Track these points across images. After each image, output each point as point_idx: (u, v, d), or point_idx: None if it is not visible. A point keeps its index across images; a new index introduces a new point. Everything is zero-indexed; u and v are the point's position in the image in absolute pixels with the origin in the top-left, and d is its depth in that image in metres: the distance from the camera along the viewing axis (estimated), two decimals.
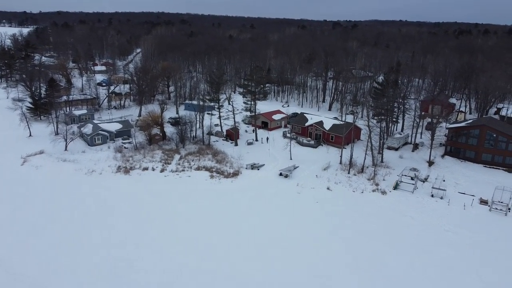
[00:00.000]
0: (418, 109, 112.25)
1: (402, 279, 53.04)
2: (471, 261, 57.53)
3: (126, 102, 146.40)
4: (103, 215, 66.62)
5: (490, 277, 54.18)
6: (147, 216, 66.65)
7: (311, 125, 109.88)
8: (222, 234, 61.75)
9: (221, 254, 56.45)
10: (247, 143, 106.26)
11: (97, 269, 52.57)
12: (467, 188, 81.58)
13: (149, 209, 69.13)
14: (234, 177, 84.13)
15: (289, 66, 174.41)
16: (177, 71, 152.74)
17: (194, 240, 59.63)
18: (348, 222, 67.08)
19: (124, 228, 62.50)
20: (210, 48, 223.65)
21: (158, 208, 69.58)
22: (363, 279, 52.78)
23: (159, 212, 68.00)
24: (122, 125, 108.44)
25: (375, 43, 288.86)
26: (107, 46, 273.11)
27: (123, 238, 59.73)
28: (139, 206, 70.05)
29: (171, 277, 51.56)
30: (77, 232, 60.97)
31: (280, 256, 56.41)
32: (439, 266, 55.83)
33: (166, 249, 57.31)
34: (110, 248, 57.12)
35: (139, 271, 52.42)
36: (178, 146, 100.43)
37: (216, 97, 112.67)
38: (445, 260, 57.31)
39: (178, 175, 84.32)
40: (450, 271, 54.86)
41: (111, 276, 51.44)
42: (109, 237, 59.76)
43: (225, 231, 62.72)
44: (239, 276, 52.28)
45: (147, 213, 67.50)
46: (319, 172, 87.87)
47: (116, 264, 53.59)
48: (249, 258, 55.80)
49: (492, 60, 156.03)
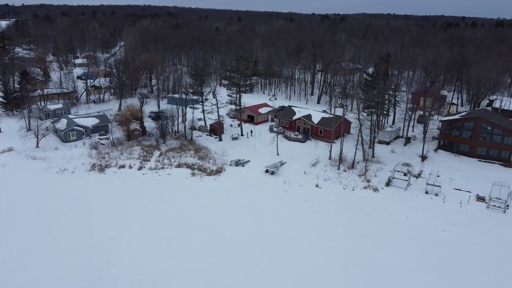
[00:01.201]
0: (410, 101, 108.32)
1: (396, 282, 48.65)
2: (469, 263, 53.39)
3: (106, 96, 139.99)
4: (73, 217, 60.92)
5: (489, 280, 50.12)
6: (122, 217, 61.13)
7: (299, 119, 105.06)
8: (204, 236, 56.61)
9: (202, 257, 51.36)
10: (232, 138, 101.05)
11: (66, 277, 47.11)
12: (463, 184, 77.67)
13: (124, 210, 63.60)
14: (217, 174, 78.97)
15: (276, 58, 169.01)
16: (159, 63, 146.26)
17: (172, 243, 54.39)
18: (338, 222, 62.47)
19: (96, 232, 56.96)
20: (195, 40, 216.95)
21: (134, 209, 64.09)
22: (355, 283, 48.23)
23: (135, 213, 62.52)
24: (99, 120, 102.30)
25: (363, 35, 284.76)
26: (89, 39, 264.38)
27: (94, 242, 54.24)
28: (113, 207, 64.46)
29: (149, 282, 46.48)
30: (44, 237, 55.27)
31: (265, 259, 51.55)
32: (435, 268, 51.54)
33: (142, 253, 51.98)
34: (80, 253, 51.58)
35: (112, 278, 47.12)
36: (159, 142, 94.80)
37: (200, 90, 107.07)
38: (441, 262, 53.05)
39: (157, 173, 78.83)
40: (447, 274, 50.62)
41: (81, 284, 46.08)
42: (79, 242, 54.18)
43: (207, 232, 57.58)
44: (222, 280, 47.35)
45: (122, 215, 61.97)
46: (308, 168, 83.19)
47: (87, 271, 48.17)
48: (232, 261, 50.86)
49: (483, 51, 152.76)
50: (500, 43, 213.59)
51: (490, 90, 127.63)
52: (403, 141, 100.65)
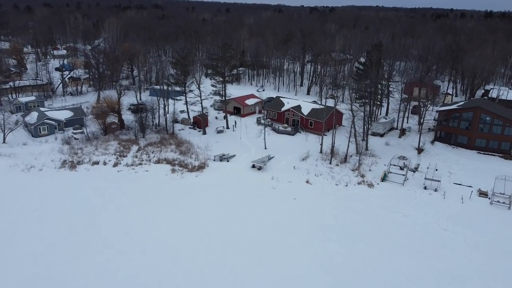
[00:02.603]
0: (403, 91, 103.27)
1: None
2: (475, 267, 48.24)
3: (85, 88, 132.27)
4: (35, 220, 54.35)
5: (498, 287, 45.06)
6: (91, 221, 54.75)
7: (288, 110, 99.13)
8: (183, 238, 50.57)
9: (178, 265, 45.39)
10: (216, 131, 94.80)
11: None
12: (463, 178, 72.71)
13: (94, 212, 57.17)
14: (199, 170, 72.81)
15: (264, 48, 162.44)
16: (140, 53, 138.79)
17: (144, 248, 48.28)
18: (331, 222, 56.88)
19: (60, 237, 50.53)
20: (180, 30, 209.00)
21: (105, 210, 57.72)
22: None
23: (106, 216, 56.17)
24: (73, 113, 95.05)
25: (354, 26, 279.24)
26: (71, 30, 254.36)
27: (58, 248, 47.84)
28: (82, 208, 57.97)
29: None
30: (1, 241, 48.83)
31: (249, 264, 45.76)
32: (438, 273, 46.27)
33: (110, 262, 45.81)
34: (41, 262, 45.24)
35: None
36: (137, 136, 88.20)
37: (182, 80, 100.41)
38: (444, 266, 47.82)
39: (133, 169, 72.38)
40: (451, 279, 45.42)
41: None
42: (41, 248, 47.75)
43: (187, 234, 51.55)
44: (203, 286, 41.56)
45: (92, 218, 55.57)
46: (297, 162, 77.47)
47: (46, 284, 41.90)
48: (213, 265, 44.99)
49: (477, 40, 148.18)
50: (492, 32, 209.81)
51: (485, 80, 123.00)
52: (398, 132, 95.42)
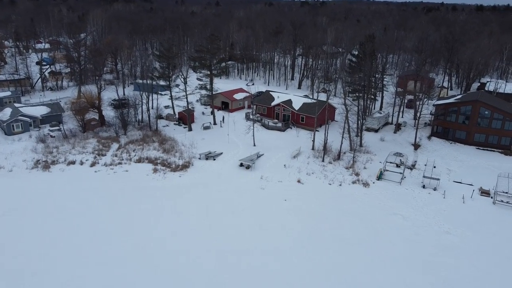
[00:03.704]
0: (397, 85, 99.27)
1: None
2: (482, 275, 44.30)
3: (65, 82, 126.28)
4: (1, 227, 49.35)
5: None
6: (62, 226, 49.73)
7: (278, 105, 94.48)
8: (162, 246, 45.85)
9: (161, 271, 40.70)
10: (203, 127, 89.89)
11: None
12: (462, 176, 68.78)
13: (67, 216, 52.14)
14: (183, 170, 67.96)
15: (254, 41, 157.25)
16: (124, 46, 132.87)
17: (123, 255, 43.52)
18: (324, 226, 52.49)
19: (28, 245, 45.48)
20: (168, 23, 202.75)
21: (78, 216, 52.69)
22: None
23: (78, 222, 51.16)
24: (50, 108, 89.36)
25: (345, 19, 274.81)
26: (55, 23, 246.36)
27: (24, 258, 42.84)
28: (54, 213, 52.91)
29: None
30: None
31: (235, 274, 41.26)
32: (441, 282, 42.24)
33: (84, 273, 40.96)
34: (3, 275, 40.36)
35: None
36: (118, 133, 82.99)
37: (167, 73, 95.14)
38: (448, 274, 43.76)
39: (112, 169, 67.28)
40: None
41: None
42: (5, 258, 42.84)
43: (166, 242, 46.83)
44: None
45: (64, 223, 50.54)
46: (288, 160, 73.02)
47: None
48: (195, 277, 40.38)
49: (472, 32, 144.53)
50: (485, 25, 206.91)
51: (481, 72, 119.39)
52: (393, 128, 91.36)
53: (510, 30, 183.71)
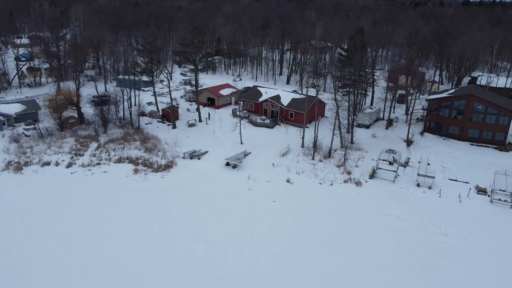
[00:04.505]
0: (387, 79, 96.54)
1: None
2: (482, 278, 41.67)
3: (45, 79, 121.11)
4: None
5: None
6: (30, 235, 45.78)
7: (266, 101, 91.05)
8: (144, 252, 42.24)
9: (141, 280, 37.22)
10: (187, 124, 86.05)
11: None
12: (457, 173, 66.29)
13: (38, 223, 48.16)
14: (166, 170, 64.21)
15: (241, 35, 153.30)
16: (106, 40, 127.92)
17: (100, 263, 39.80)
18: (315, 228, 49.34)
19: None
20: (153, 17, 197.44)
21: (50, 221, 48.72)
22: None
23: (50, 228, 47.21)
24: (26, 106, 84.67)
25: (333, 13, 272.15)
26: (36, 18, 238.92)
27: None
28: (24, 219, 48.87)
29: None
30: None
31: (221, 282, 37.99)
32: (440, 287, 39.59)
33: (56, 282, 37.27)
34: None
35: None
36: (98, 132, 78.77)
37: (149, 68, 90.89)
38: (448, 280, 41.05)
39: (90, 170, 63.21)
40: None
41: None
42: None
43: (149, 247, 43.23)
44: None
45: (32, 231, 46.57)
46: (277, 159, 69.74)
47: None
48: (179, 283, 37.03)
49: (462, 26, 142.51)
50: (473, 19, 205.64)
51: (473, 66, 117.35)
52: (385, 123, 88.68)
53: (499, 24, 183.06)
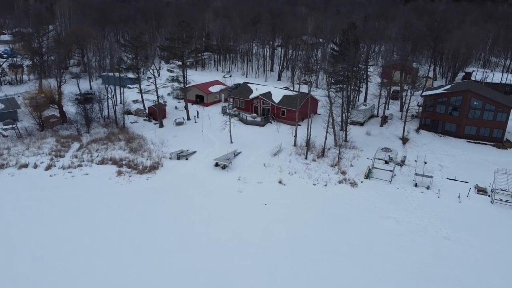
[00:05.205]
0: (380, 75, 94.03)
1: None
2: (487, 285, 39.23)
3: (27, 76, 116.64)
4: None
5: None
6: (3, 241, 42.26)
7: (257, 98, 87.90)
8: (124, 262, 39.01)
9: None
10: (175, 123, 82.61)
11: None
12: (456, 172, 63.92)
13: (12, 232, 44.60)
14: (151, 172, 60.83)
15: (231, 30, 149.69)
16: (91, 36, 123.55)
17: (76, 275, 36.63)
18: (310, 234, 46.48)
19: None
20: (140, 12, 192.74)
21: (24, 229, 45.20)
22: None
23: (23, 236, 43.72)
24: (4, 105, 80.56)
25: (324, 9, 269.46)
26: (20, 13, 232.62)
27: None
28: None
29: None
30: None
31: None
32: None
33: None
34: None
35: None
36: (81, 131, 75.03)
37: (135, 65, 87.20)
38: (451, 286, 38.57)
39: (70, 173, 59.59)
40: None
41: None
42: None
43: (130, 258, 40.01)
44: None
45: (4, 240, 43.07)
46: (268, 158, 66.75)
47: None
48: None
49: (455, 20, 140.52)
50: (465, 14, 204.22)
51: (467, 61, 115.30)
52: (379, 121, 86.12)
53: (491, 19, 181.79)
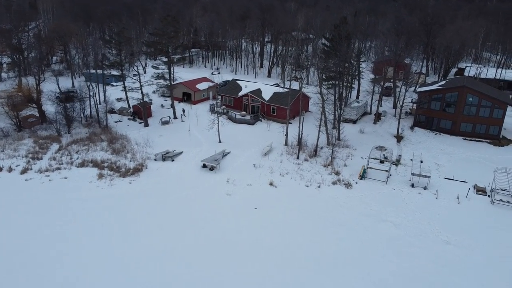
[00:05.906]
0: (372, 71, 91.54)
1: None
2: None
3: (6, 74, 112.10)
4: None
5: None
6: None
7: (246, 95, 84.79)
8: (103, 273, 35.72)
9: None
10: (161, 122, 79.20)
11: None
12: (453, 171, 61.58)
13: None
14: (134, 174, 57.45)
15: (219, 26, 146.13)
16: (73, 32, 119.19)
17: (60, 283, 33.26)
18: (303, 240, 43.56)
19: None
20: (126, 8, 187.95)
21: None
22: None
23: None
24: None
25: (314, 4, 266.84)
26: (2, 10, 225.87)
27: None
28: None
29: None
30: None
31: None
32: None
33: None
34: None
35: None
36: (61, 132, 71.23)
37: (118, 61, 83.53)
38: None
39: (48, 176, 55.92)
40: None
41: None
42: None
43: (109, 267, 36.71)
44: None
45: None
46: (258, 159, 63.76)
47: None
48: None
49: (448, 15, 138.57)
50: (456, 10, 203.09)
51: (460, 57, 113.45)
52: (372, 118, 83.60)
53: (481, 15, 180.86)
